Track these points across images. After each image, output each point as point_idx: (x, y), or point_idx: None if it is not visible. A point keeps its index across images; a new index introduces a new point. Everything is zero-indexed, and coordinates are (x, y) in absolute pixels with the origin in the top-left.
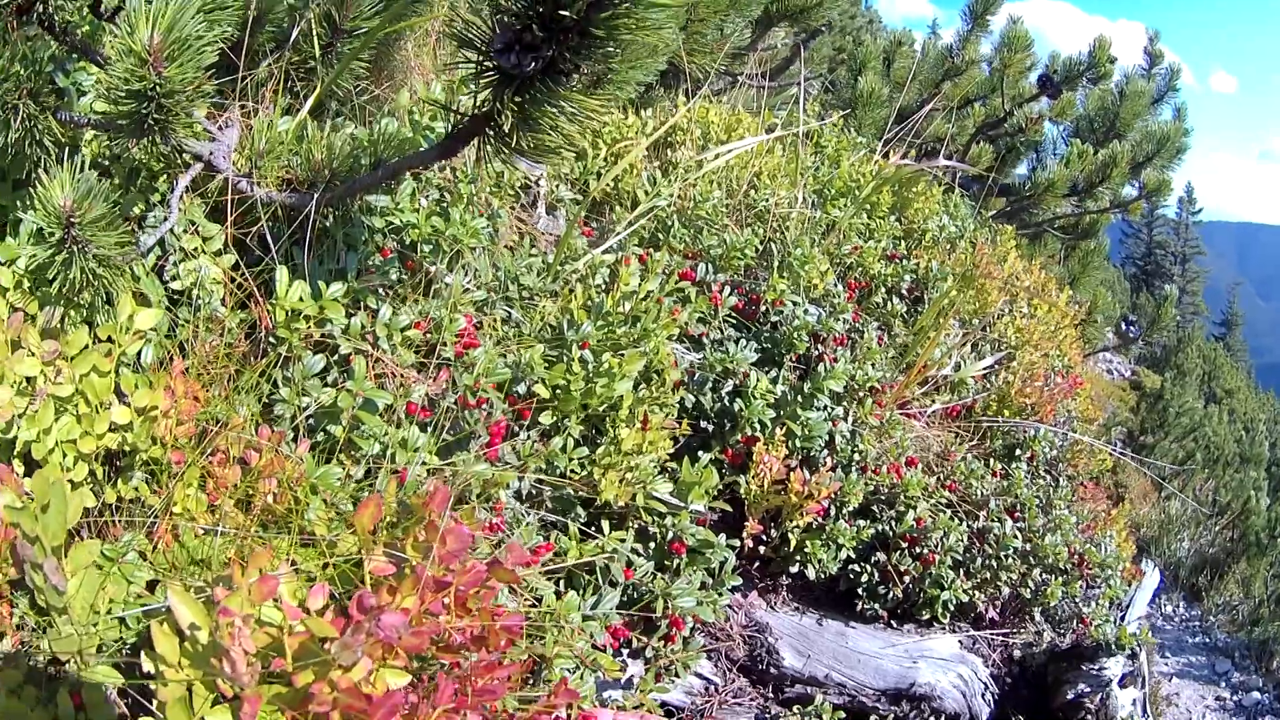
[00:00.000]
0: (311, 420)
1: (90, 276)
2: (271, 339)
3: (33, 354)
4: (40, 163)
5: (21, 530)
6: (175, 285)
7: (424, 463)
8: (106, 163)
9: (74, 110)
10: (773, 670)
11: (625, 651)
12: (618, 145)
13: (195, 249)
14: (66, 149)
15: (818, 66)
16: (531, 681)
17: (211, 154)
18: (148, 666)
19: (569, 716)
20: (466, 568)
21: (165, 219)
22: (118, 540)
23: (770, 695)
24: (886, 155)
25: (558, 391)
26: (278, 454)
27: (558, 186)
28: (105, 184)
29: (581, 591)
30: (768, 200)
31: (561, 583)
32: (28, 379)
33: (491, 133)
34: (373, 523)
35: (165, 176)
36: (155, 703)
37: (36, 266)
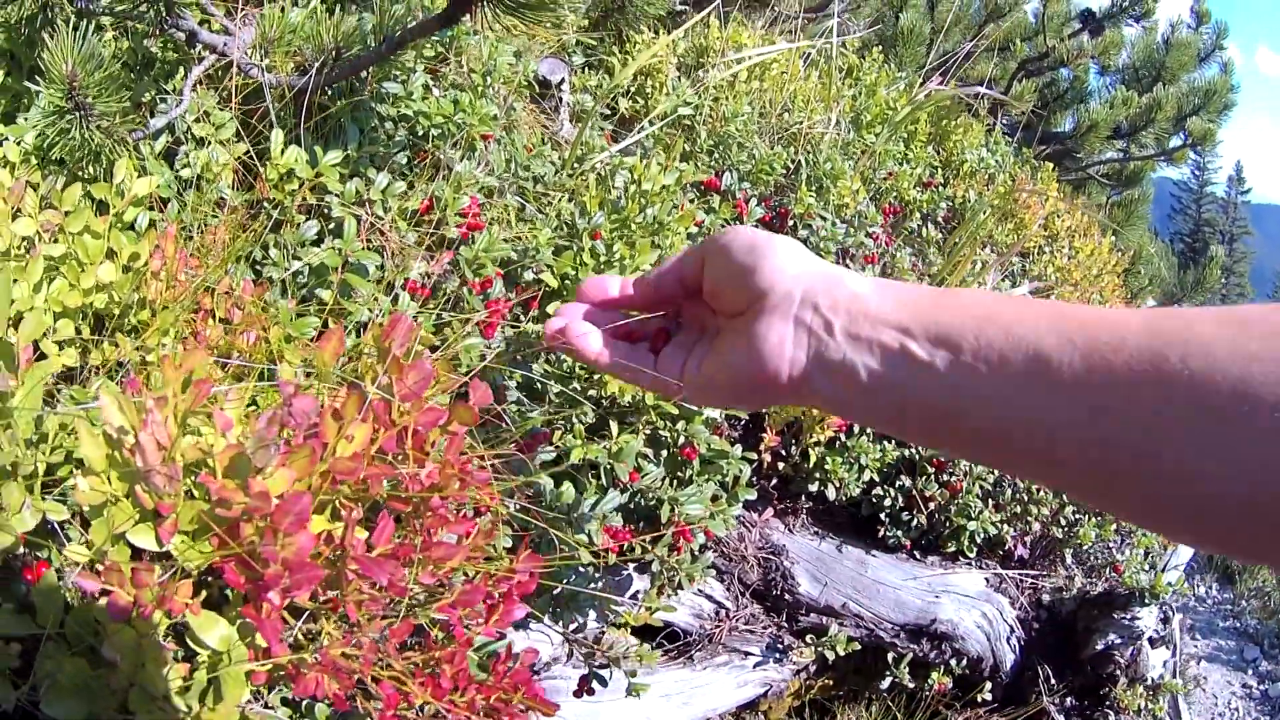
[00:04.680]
0: (304, 290)
1: (93, 146)
2: (266, 202)
3: (31, 217)
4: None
5: None
6: (185, 173)
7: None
8: (123, 59)
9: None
10: (787, 596)
11: (632, 566)
12: (646, 65)
13: (206, 137)
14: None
15: (858, 10)
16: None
17: (225, 45)
18: (80, 482)
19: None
20: (424, 406)
21: (178, 104)
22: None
23: (784, 624)
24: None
25: (566, 282)
26: (261, 309)
27: (583, 97)
28: (111, 47)
29: (583, 492)
30: (801, 124)
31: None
32: (24, 240)
33: None
34: (335, 357)
35: (180, 73)
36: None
37: (44, 143)
